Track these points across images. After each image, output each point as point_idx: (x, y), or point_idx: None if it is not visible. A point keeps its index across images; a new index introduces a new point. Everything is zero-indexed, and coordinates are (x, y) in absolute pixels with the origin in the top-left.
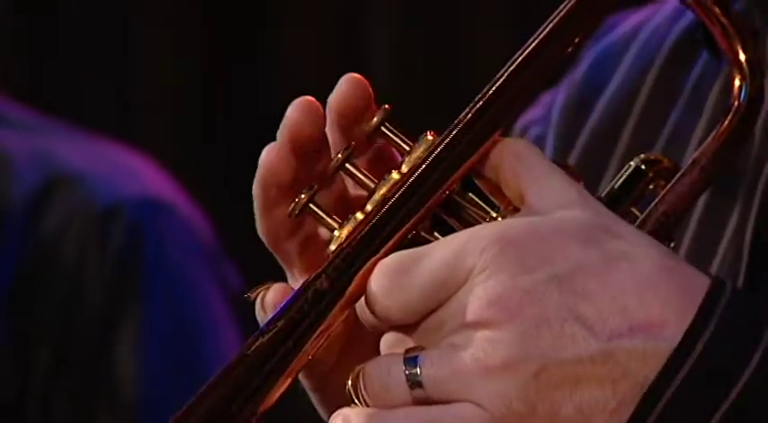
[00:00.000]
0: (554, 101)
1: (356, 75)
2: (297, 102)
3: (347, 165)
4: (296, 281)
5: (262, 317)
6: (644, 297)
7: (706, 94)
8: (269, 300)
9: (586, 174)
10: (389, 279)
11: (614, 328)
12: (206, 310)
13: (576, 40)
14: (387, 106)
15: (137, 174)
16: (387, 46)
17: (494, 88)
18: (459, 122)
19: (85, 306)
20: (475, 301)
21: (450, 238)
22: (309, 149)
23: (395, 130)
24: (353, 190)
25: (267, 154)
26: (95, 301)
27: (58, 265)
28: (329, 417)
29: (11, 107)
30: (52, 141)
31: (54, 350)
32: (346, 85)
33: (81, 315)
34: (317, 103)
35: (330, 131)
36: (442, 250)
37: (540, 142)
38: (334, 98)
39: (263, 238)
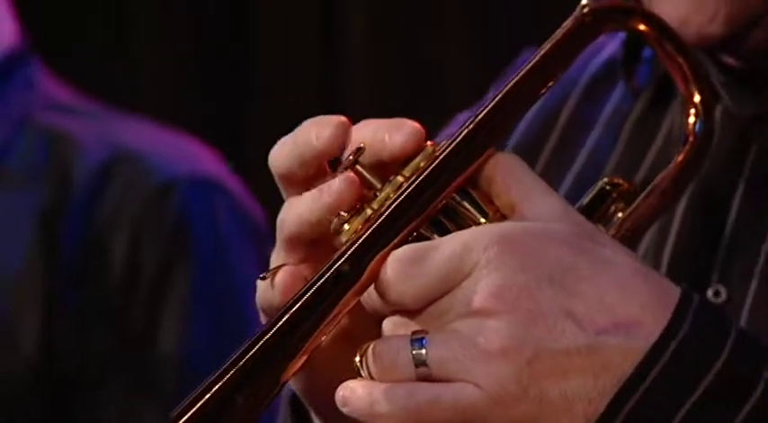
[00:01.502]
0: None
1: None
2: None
3: (357, 165)
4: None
5: (269, 296)
6: (625, 298)
7: (621, 124)
8: (279, 280)
9: None
10: (404, 267)
11: (600, 325)
12: (250, 283)
13: (556, 75)
14: (361, 146)
15: (191, 154)
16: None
17: (490, 107)
18: (457, 136)
19: (141, 273)
20: (478, 291)
21: (456, 234)
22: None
23: (364, 172)
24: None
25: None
26: (148, 271)
27: (117, 235)
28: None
29: (80, 100)
30: (116, 126)
31: (112, 317)
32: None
33: (136, 282)
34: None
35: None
36: (450, 244)
37: None
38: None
39: (289, 224)
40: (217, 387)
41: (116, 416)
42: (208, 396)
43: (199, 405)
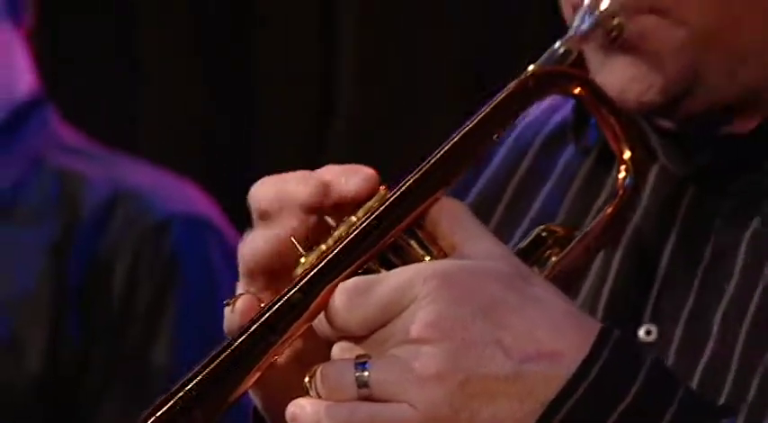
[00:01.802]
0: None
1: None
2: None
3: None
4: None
5: (231, 321)
6: (550, 332)
7: (571, 179)
8: (238, 307)
9: None
10: (350, 297)
11: (526, 354)
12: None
13: (500, 131)
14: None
15: (186, 195)
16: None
17: (437, 157)
18: (406, 182)
19: (137, 299)
20: (416, 321)
21: (400, 269)
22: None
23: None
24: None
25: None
26: (145, 295)
27: (118, 265)
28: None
29: (88, 143)
30: (120, 167)
31: (112, 335)
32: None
33: (132, 307)
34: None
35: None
36: (394, 278)
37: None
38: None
39: (247, 258)
40: (176, 399)
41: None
42: (168, 406)
43: (160, 414)
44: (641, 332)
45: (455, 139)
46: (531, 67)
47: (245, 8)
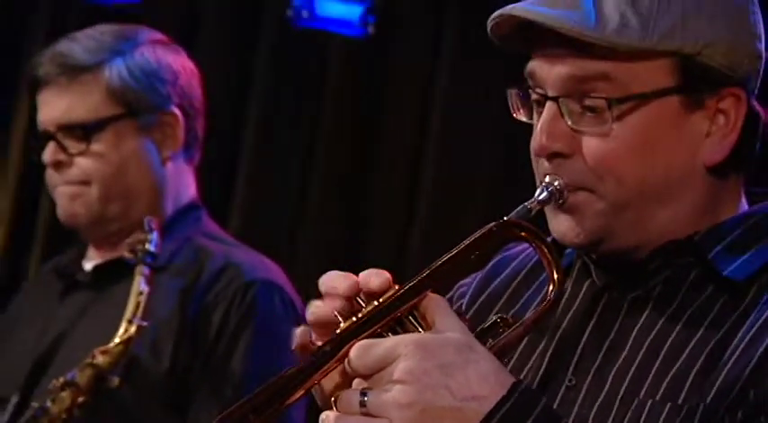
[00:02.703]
0: (474, 279)
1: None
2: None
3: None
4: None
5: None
6: (481, 383)
7: (539, 291)
8: (298, 340)
9: (476, 318)
10: (360, 352)
11: (464, 396)
12: (291, 354)
13: (476, 255)
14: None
15: (267, 268)
16: None
17: (426, 274)
18: (409, 284)
19: (226, 330)
20: (398, 370)
21: (393, 337)
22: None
23: (358, 298)
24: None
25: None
26: (231, 327)
27: (218, 308)
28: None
29: (222, 233)
30: (233, 248)
31: (208, 353)
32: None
33: (222, 335)
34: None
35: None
36: (388, 342)
37: (462, 296)
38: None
39: (308, 318)
40: (242, 406)
41: (202, 407)
42: (235, 411)
43: (228, 414)
44: (566, 381)
45: (442, 260)
46: (505, 218)
47: None
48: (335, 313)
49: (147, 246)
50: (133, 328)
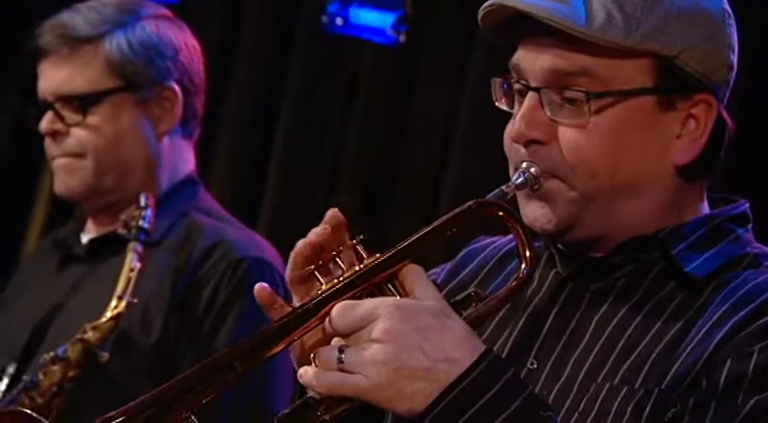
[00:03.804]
0: (443, 269)
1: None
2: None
3: (337, 259)
4: (296, 301)
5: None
6: (454, 347)
7: (507, 280)
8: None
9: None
10: (341, 311)
11: (436, 357)
12: None
13: (453, 231)
14: (361, 236)
15: (260, 245)
16: None
17: (409, 241)
18: (389, 253)
19: (215, 304)
20: (377, 330)
21: (374, 299)
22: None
23: (360, 252)
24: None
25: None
26: (219, 302)
27: (209, 281)
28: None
29: (219, 209)
30: (227, 226)
31: (196, 324)
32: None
33: (211, 309)
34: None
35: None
36: (369, 303)
37: (436, 278)
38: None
39: (288, 279)
40: (227, 355)
41: None
42: (223, 356)
43: (217, 358)
44: (528, 363)
45: (422, 232)
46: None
47: None
48: (315, 273)
49: (141, 222)
50: (123, 305)
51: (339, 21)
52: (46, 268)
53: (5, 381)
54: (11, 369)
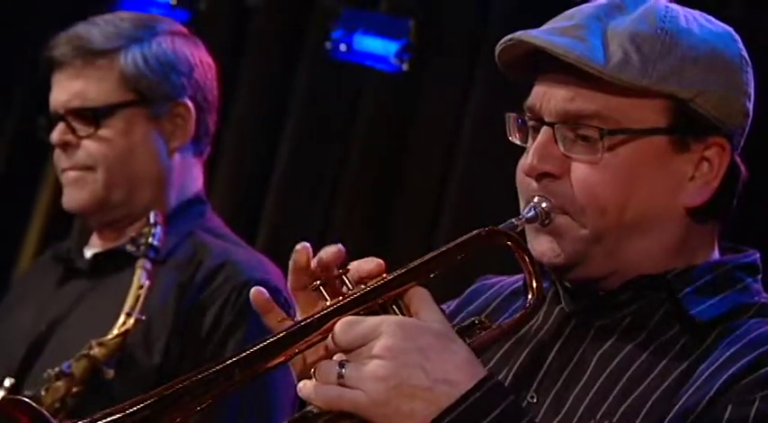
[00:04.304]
0: (449, 306)
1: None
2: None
3: (343, 276)
4: (300, 315)
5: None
6: (455, 369)
7: (517, 311)
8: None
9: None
10: (344, 326)
11: (436, 378)
12: None
13: (462, 256)
14: (348, 268)
15: (266, 267)
16: None
17: (415, 265)
18: (396, 273)
19: (220, 326)
20: (378, 346)
21: (378, 317)
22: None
23: (346, 280)
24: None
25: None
26: (225, 323)
27: (213, 303)
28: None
29: (225, 229)
30: (233, 247)
31: (200, 345)
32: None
33: (216, 330)
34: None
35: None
36: (371, 320)
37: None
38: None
39: (291, 291)
40: (231, 362)
41: None
42: (225, 365)
43: (218, 364)
44: (528, 397)
45: (431, 256)
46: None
47: None
48: (321, 290)
49: (151, 240)
50: (131, 322)
51: (343, 47)
52: (46, 282)
53: (1, 394)
54: (7, 383)
